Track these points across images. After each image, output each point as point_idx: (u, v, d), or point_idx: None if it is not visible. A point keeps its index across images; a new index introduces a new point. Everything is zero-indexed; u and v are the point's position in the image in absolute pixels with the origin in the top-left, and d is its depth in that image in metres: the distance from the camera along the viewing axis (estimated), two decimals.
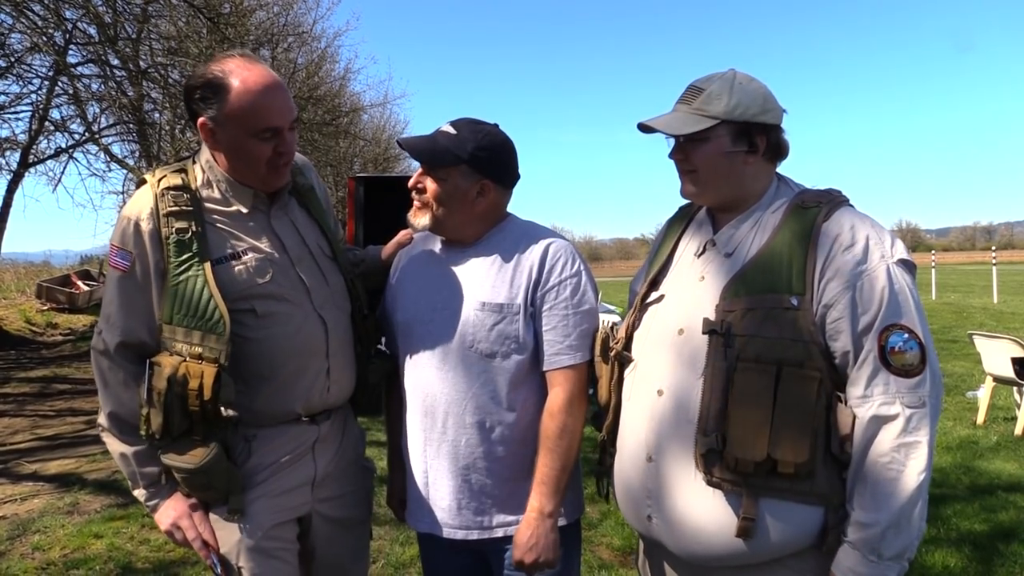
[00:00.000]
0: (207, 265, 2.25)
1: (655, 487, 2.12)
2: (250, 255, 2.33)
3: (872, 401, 1.92)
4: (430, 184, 2.39)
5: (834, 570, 1.94)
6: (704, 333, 2.04)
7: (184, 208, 2.27)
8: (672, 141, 2.20)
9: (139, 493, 2.35)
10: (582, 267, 2.42)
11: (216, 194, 2.36)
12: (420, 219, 2.44)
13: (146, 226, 2.25)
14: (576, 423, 2.33)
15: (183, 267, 2.24)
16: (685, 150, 2.16)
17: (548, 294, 2.37)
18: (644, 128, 2.19)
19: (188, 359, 2.22)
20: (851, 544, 1.91)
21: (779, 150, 2.19)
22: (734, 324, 2.01)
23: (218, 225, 2.33)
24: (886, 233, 2.04)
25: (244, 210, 2.37)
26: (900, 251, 2.01)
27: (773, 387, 1.94)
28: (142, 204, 2.29)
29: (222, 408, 2.23)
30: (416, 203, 2.45)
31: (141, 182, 2.38)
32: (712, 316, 2.05)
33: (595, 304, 2.42)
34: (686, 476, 2.05)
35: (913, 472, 1.87)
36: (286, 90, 2.34)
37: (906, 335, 1.92)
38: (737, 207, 2.19)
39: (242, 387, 2.28)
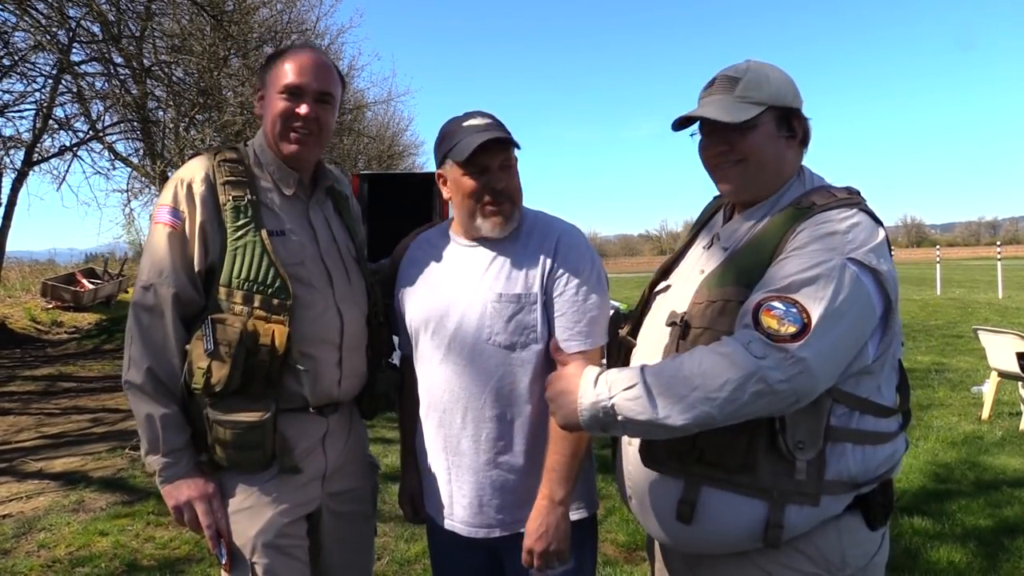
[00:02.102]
0: (264, 232, 2.34)
1: (630, 469, 2.17)
2: (287, 235, 2.41)
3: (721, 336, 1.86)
4: (511, 179, 2.39)
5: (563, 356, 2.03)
6: (667, 325, 2.06)
7: (240, 178, 2.38)
8: (697, 136, 2.18)
9: (154, 460, 2.32)
10: (593, 254, 2.43)
11: (264, 175, 2.47)
12: (510, 223, 2.40)
13: (199, 188, 2.34)
14: None
15: (241, 232, 2.33)
16: (730, 140, 2.10)
17: (559, 281, 2.37)
18: (685, 121, 2.15)
19: (252, 318, 2.29)
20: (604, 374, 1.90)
21: (807, 136, 2.17)
22: (694, 317, 2.00)
23: (264, 202, 2.42)
24: (860, 234, 1.91)
25: (287, 191, 2.47)
26: (864, 253, 1.87)
27: None
28: (196, 169, 2.39)
29: (298, 365, 2.33)
30: (501, 209, 2.38)
31: (196, 154, 2.49)
32: (682, 309, 2.06)
33: (606, 291, 2.42)
34: (642, 461, 2.09)
35: (700, 368, 1.77)
36: (330, 70, 2.50)
37: (794, 309, 1.77)
38: (760, 201, 2.15)
39: None
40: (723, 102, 2.09)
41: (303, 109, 2.39)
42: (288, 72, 2.40)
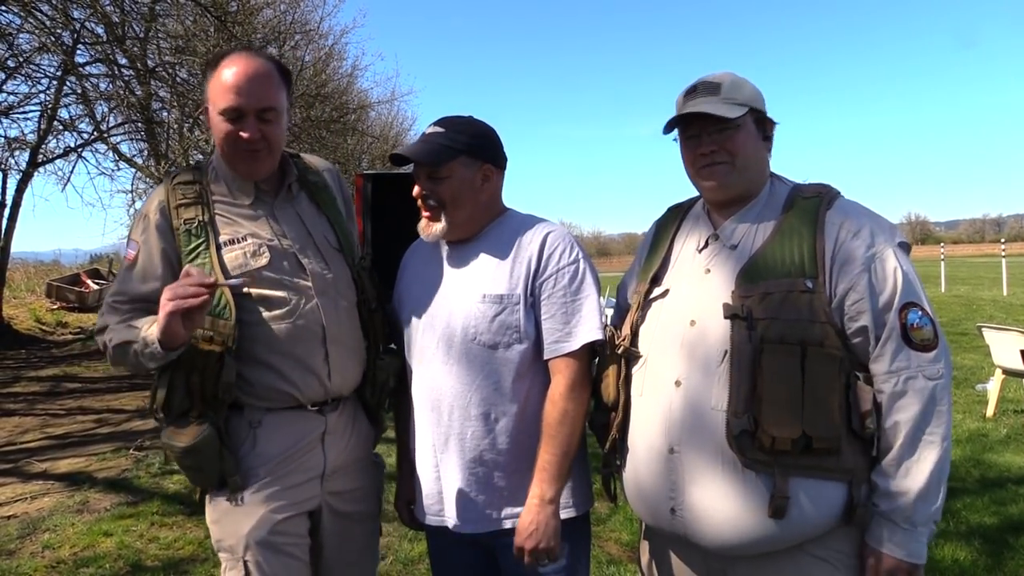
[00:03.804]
0: (212, 252, 2.35)
1: (679, 479, 2.13)
2: (249, 240, 2.40)
3: (898, 376, 2.00)
4: (437, 187, 2.41)
5: (869, 542, 2.02)
6: (726, 318, 2.08)
7: (193, 200, 2.39)
8: (672, 136, 2.27)
9: (146, 346, 2.21)
10: (580, 255, 2.44)
11: (222, 187, 2.47)
12: (435, 227, 2.45)
13: (153, 218, 2.38)
14: (578, 409, 2.34)
15: (191, 255, 2.35)
16: (719, 139, 2.19)
17: (546, 283, 2.39)
18: (681, 119, 2.22)
19: (199, 340, 2.28)
20: (883, 515, 2.00)
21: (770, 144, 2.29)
22: (754, 308, 2.06)
23: (222, 214, 2.43)
24: (883, 219, 2.15)
25: (247, 201, 2.46)
26: (898, 235, 2.12)
27: (800, 366, 1.99)
28: (152, 199, 2.44)
29: (220, 390, 2.31)
30: (426, 213, 2.46)
31: (159, 180, 2.50)
32: (729, 303, 2.09)
33: (596, 291, 2.42)
34: (713, 464, 2.08)
35: (938, 440, 1.98)
36: (266, 79, 2.39)
37: (920, 312, 2.03)
38: (743, 201, 2.24)
39: (243, 369, 2.34)
40: (713, 102, 2.18)
41: (246, 133, 2.35)
42: (225, 92, 2.33)
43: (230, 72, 2.34)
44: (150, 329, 2.21)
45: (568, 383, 2.34)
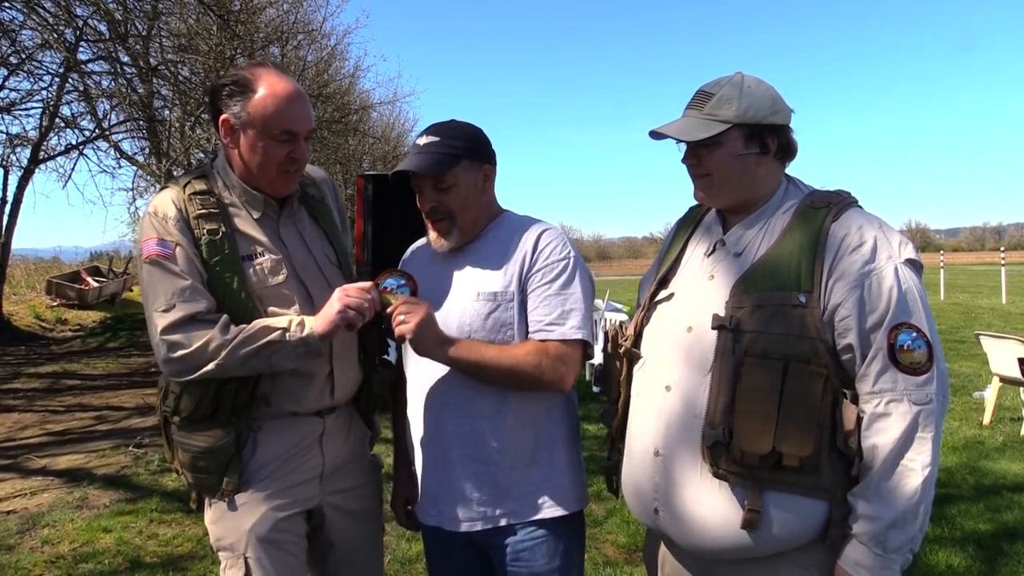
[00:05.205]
0: (240, 265, 2.35)
1: (662, 481, 2.14)
2: (266, 256, 2.40)
3: (880, 397, 1.94)
4: (445, 197, 2.42)
5: (840, 563, 1.97)
6: (713, 328, 2.07)
7: (212, 211, 2.35)
8: (683, 146, 2.22)
9: (302, 343, 2.28)
10: (571, 253, 2.45)
11: (233, 199, 2.43)
12: (449, 239, 2.46)
13: (174, 222, 2.31)
14: (535, 371, 2.33)
15: (218, 267, 2.32)
16: (698, 155, 2.18)
17: (534, 276, 2.40)
18: (656, 135, 2.20)
19: None
20: (856, 537, 1.95)
21: (789, 150, 2.21)
22: (743, 320, 2.03)
23: (238, 227, 2.40)
24: (894, 233, 2.07)
25: (255, 215, 2.43)
26: (908, 251, 2.03)
27: (780, 382, 1.96)
28: (167, 203, 2.34)
29: (257, 398, 2.35)
30: (437, 227, 2.47)
31: (165, 187, 2.46)
32: (722, 313, 2.07)
33: (583, 290, 2.43)
34: (692, 470, 2.08)
35: (918, 468, 1.90)
36: (308, 102, 2.44)
37: (914, 334, 1.95)
38: (748, 208, 2.21)
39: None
40: (690, 119, 2.17)
41: (298, 153, 2.38)
42: (282, 116, 2.33)
43: (282, 95, 2.33)
44: (307, 328, 2.28)
45: (552, 353, 2.34)
